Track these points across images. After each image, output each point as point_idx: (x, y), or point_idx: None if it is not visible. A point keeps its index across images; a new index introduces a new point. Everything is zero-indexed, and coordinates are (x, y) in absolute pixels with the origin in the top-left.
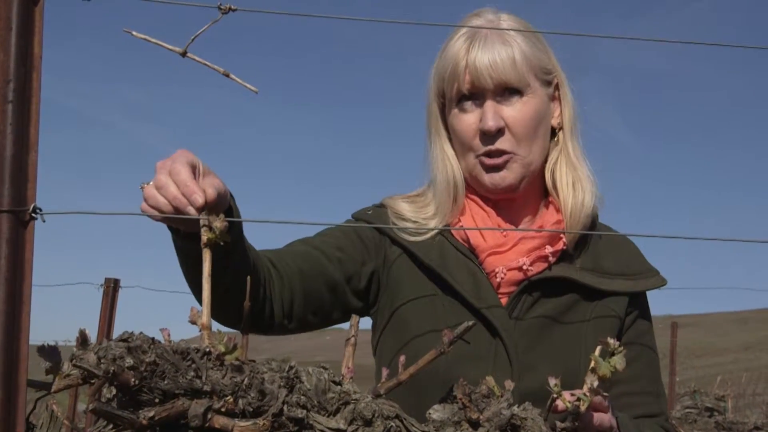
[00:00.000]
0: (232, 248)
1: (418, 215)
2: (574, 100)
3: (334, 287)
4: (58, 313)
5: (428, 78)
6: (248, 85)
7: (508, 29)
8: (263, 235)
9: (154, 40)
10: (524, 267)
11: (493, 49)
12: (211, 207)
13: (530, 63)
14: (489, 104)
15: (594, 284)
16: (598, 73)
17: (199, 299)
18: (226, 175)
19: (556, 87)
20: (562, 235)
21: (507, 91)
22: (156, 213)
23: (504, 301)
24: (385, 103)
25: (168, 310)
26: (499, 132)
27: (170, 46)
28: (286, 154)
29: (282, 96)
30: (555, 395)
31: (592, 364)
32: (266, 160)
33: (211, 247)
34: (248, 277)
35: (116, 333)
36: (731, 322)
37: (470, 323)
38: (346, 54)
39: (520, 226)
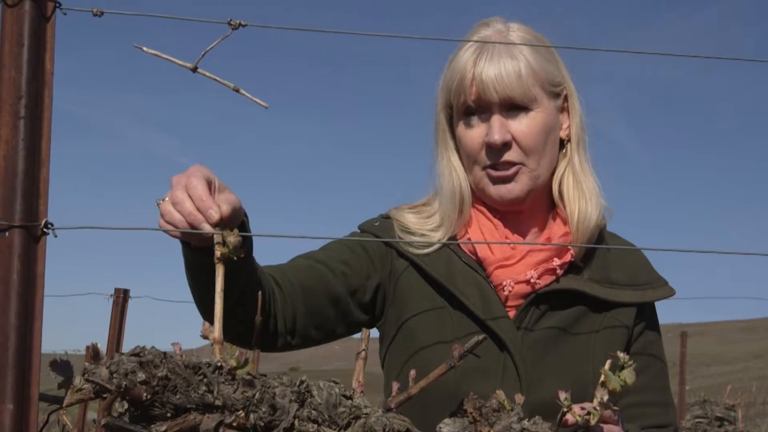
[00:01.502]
0: (242, 264)
1: (423, 226)
2: (583, 112)
3: (337, 301)
4: (67, 323)
5: (436, 88)
6: (258, 101)
7: (512, 43)
8: (268, 247)
9: (164, 56)
10: (532, 280)
11: (499, 62)
12: (225, 222)
13: (537, 75)
14: (496, 118)
15: (602, 295)
16: (604, 81)
17: (204, 314)
18: (236, 187)
19: (565, 98)
20: (569, 247)
21: (513, 105)
22: (172, 228)
23: (512, 314)
24: (393, 112)
25: (177, 320)
26: (506, 146)
27: (181, 62)
28: (295, 164)
29: (291, 107)
30: (565, 409)
31: (602, 378)
32: (277, 171)
33: (225, 262)
34: (260, 293)
35: (126, 343)
36: (741, 331)
37: (480, 338)
38: (356, 63)
39: (528, 239)
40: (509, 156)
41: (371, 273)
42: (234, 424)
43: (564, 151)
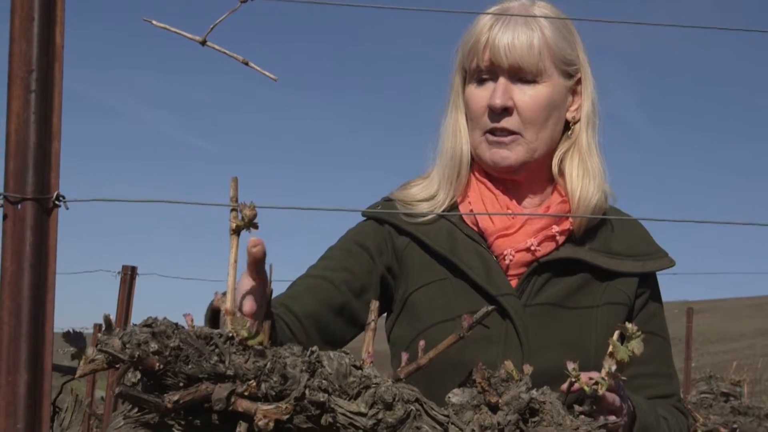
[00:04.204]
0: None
1: (423, 195)
2: (597, 97)
3: (342, 310)
4: (75, 301)
5: (455, 51)
6: (267, 73)
7: (516, 14)
8: (279, 224)
9: (173, 29)
10: (532, 247)
11: (514, 30)
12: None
13: (551, 50)
14: (501, 82)
15: (603, 265)
16: (612, 57)
17: None
18: (240, 162)
19: (579, 81)
20: (568, 216)
21: (522, 74)
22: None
23: (514, 283)
24: (403, 91)
25: (184, 297)
26: (506, 111)
27: (190, 35)
28: (301, 141)
29: (299, 83)
30: (573, 379)
31: (610, 348)
32: (282, 147)
33: (238, 234)
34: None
35: (133, 320)
36: (747, 308)
37: (489, 308)
38: (365, 40)
39: (528, 209)
40: (508, 123)
41: (371, 268)
42: (245, 393)
43: (570, 132)
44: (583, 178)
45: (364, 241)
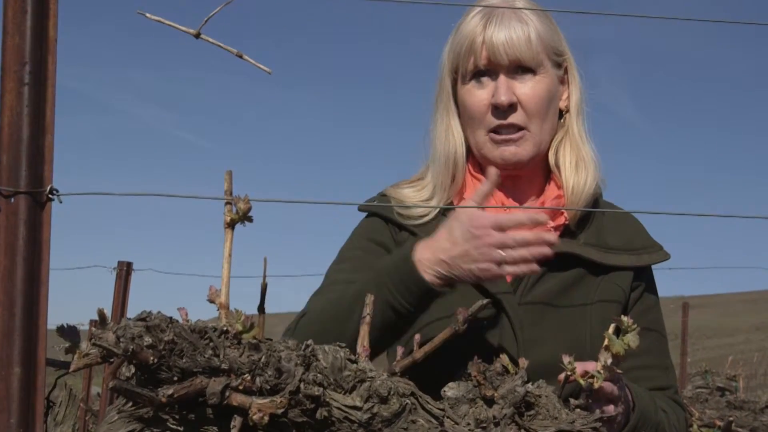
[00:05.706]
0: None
1: (417, 198)
2: (582, 84)
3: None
4: (70, 297)
5: (442, 54)
6: (261, 66)
7: (521, 8)
8: (274, 218)
9: (167, 22)
10: None
11: (509, 26)
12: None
13: (544, 43)
14: (502, 80)
15: (598, 259)
16: (606, 52)
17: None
18: (237, 158)
19: (566, 70)
20: (562, 210)
21: (520, 68)
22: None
23: (509, 278)
24: (401, 87)
25: (180, 293)
26: (511, 107)
27: (184, 28)
28: (296, 135)
29: (294, 77)
30: (568, 372)
31: (606, 341)
32: (276, 142)
33: (233, 227)
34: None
35: (129, 316)
36: (742, 303)
37: (484, 301)
38: (361, 35)
39: (525, 204)
40: (514, 118)
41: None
42: (240, 387)
43: (562, 121)
44: (577, 166)
45: (378, 237)
